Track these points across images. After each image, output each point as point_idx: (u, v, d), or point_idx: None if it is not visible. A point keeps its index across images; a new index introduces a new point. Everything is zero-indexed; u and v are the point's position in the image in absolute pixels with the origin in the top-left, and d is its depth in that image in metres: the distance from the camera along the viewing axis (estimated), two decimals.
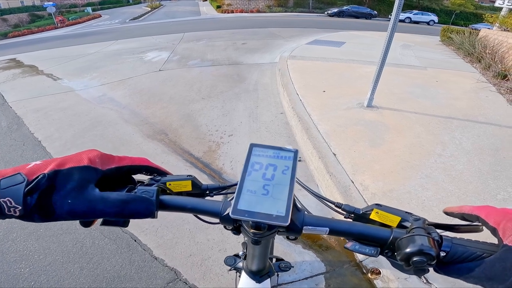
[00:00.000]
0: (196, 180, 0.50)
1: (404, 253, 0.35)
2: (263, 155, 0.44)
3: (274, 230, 0.40)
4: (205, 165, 2.81)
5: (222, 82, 5.23)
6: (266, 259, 0.61)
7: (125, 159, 0.44)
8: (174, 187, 0.47)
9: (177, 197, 0.43)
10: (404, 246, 0.36)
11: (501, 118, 3.47)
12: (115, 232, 2.05)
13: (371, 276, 1.67)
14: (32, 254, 1.91)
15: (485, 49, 6.47)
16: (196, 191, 0.50)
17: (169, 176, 0.48)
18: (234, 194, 0.39)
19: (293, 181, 0.41)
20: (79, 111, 4.15)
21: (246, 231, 0.41)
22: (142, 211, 0.38)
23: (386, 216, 0.42)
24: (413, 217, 0.41)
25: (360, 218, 0.45)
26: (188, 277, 1.73)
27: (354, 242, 0.40)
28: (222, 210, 0.41)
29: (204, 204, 0.42)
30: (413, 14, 25.04)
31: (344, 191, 2.16)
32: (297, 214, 0.41)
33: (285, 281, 1.68)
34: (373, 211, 0.43)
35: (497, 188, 2.24)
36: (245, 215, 0.36)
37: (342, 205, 0.48)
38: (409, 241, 0.36)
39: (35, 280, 1.73)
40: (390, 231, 0.39)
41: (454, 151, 2.71)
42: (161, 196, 0.42)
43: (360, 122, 3.23)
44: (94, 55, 8.21)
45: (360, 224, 0.42)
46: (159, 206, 0.41)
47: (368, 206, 0.44)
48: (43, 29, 19.76)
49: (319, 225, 0.41)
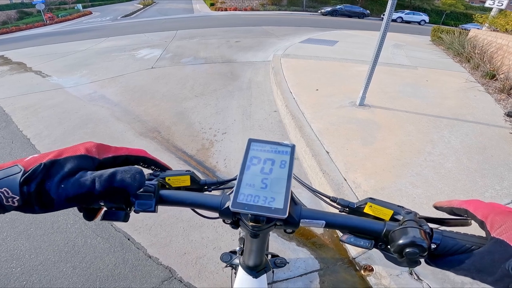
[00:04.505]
0: (194, 175, 0.51)
1: (397, 244, 0.36)
2: (261, 150, 0.45)
3: (273, 223, 0.41)
4: (199, 163, 2.80)
5: (215, 80, 5.21)
6: (262, 254, 0.63)
7: (122, 149, 0.44)
8: (173, 182, 0.48)
9: (176, 192, 0.44)
10: (397, 238, 0.37)
11: (489, 117, 3.55)
12: (107, 230, 2.03)
13: (364, 272, 1.70)
14: (23, 253, 1.88)
15: (474, 49, 6.59)
16: (195, 186, 0.51)
17: (168, 171, 0.49)
18: (232, 188, 0.41)
19: (290, 175, 0.42)
20: (69, 108, 4.09)
21: (245, 224, 0.42)
22: (130, 181, 0.38)
23: (379, 210, 0.43)
24: (405, 210, 0.42)
25: (354, 211, 0.47)
26: (183, 275, 1.73)
27: (349, 235, 0.41)
28: (222, 204, 0.42)
29: (203, 199, 0.43)
30: (404, 14, 25.37)
31: (337, 188, 2.18)
32: (294, 208, 0.42)
33: (279, 278, 1.70)
34: (367, 204, 0.44)
35: (485, 186, 2.29)
36: (245, 208, 0.38)
37: (337, 199, 0.50)
38: (402, 233, 0.37)
39: (26, 280, 1.71)
40: (383, 224, 0.41)
41: (443, 150, 2.77)
42: (161, 190, 0.43)
43: (353, 121, 3.27)
44: (84, 52, 8.07)
45: (355, 217, 0.43)
46: (159, 201, 0.42)
47: (362, 200, 0.46)
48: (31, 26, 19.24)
49: (316, 218, 0.42)
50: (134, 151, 0.46)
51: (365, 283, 1.69)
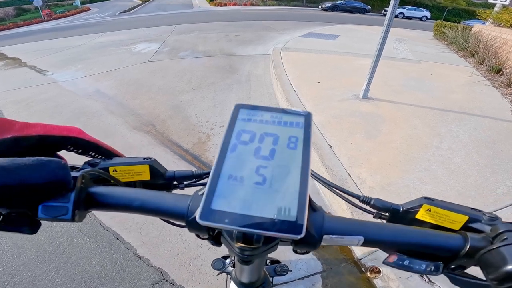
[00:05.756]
0: (157, 165, 0.35)
1: (504, 271, 0.23)
2: (256, 121, 0.30)
3: (275, 243, 0.27)
4: (195, 157, 2.67)
5: (213, 73, 5.07)
6: (260, 271, 0.48)
7: (36, 126, 0.29)
8: (122, 175, 0.33)
9: (118, 189, 0.29)
10: (501, 260, 0.24)
11: (497, 111, 3.42)
12: (95, 229, 1.90)
13: (370, 275, 1.57)
14: (6, 253, 1.76)
15: (479, 44, 6.45)
16: (158, 180, 0.35)
17: (116, 159, 0.34)
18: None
19: (307, 160, 0.26)
20: (62, 102, 3.95)
21: (229, 244, 0.27)
22: (42, 181, 0.24)
23: (444, 215, 0.29)
24: (487, 215, 0.28)
25: (400, 218, 0.32)
26: (176, 278, 1.61)
27: (400, 256, 0.27)
28: (189, 210, 0.27)
29: (162, 201, 0.28)
30: (406, 9, 25.11)
31: (341, 184, 2.05)
32: (312, 216, 0.27)
33: (280, 281, 1.57)
34: (422, 208, 0.30)
35: (496, 182, 2.17)
36: (224, 221, 0.22)
37: (371, 200, 0.35)
38: (507, 253, 0.24)
39: (8, 281, 1.60)
40: (462, 237, 0.27)
41: (452, 144, 2.64)
42: (91, 187, 0.28)
43: (356, 114, 3.13)
44: (81, 47, 7.91)
45: (413, 229, 0.28)
46: (86, 203, 0.27)
47: (412, 201, 0.32)
48: (29, 23, 18.98)
49: (349, 232, 0.27)
50: (57, 129, 0.31)
51: (371, 285, 1.56)
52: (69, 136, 0.31)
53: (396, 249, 0.28)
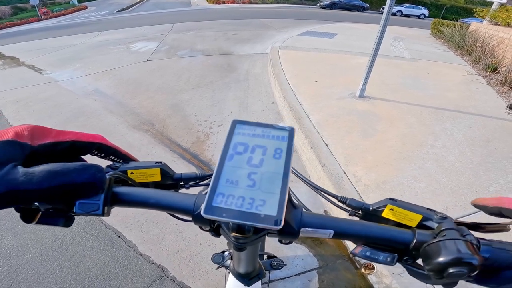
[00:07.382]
0: (166, 168, 0.41)
1: (436, 262, 0.27)
2: (249, 135, 0.35)
3: (263, 233, 0.32)
4: (193, 156, 2.71)
5: (212, 72, 5.09)
6: (255, 261, 0.53)
7: (68, 133, 0.34)
8: (138, 177, 0.39)
9: (137, 189, 0.34)
10: (435, 253, 0.28)
11: (492, 110, 3.47)
12: (97, 227, 1.94)
13: (365, 271, 1.62)
14: (10, 252, 1.79)
15: (475, 43, 6.49)
16: (167, 181, 0.41)
17: (132, 163, 0.40)
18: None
19: (288, 169, 0.32)
20: (61, 102, 3.97)
21: (226, 234, 0.32)
22: (86, 181, 0.29)
23: (404, 214, 0.34)
24: (438, 215, 0.33)
25: (370, 215, 0.37)
26: (176, 274, 1.66)
27: (364, 247, 0.32)
28: (195, 206, 0.33)
29: (172, 199, 0.34)
30: (404, 7, 25.10)
31: (337, 182, 2.10)
32: (292, 213, 0.33)
33: (277, 277, 1.62)
34: (387, 207, 0.35)
35: (489, 180, 2.22)
36: (222, 215, 0.28)
37: (347, 200, 0.41)
38: (442, 246, 0.28)
39: (13, 279, 1.63)
40: (412, 233, 0.31)
41: (446, 142, 2.69)
42: (114, 187, 0.33)
43: (353, 112, 3.18)
44: (78, 46, 7.89)
45: (374, 224, 0.34)
46: (111, 201, 0.32)
47: (380, 201, 0.37)
48: (26, 21, 18.85)
49: (321, 225, 0.32)
50: (85, 136, 0.36)
51: (366, 281, 1.61)
52: (94, 142, 0.37)
53: (362, 241, 0.33)
